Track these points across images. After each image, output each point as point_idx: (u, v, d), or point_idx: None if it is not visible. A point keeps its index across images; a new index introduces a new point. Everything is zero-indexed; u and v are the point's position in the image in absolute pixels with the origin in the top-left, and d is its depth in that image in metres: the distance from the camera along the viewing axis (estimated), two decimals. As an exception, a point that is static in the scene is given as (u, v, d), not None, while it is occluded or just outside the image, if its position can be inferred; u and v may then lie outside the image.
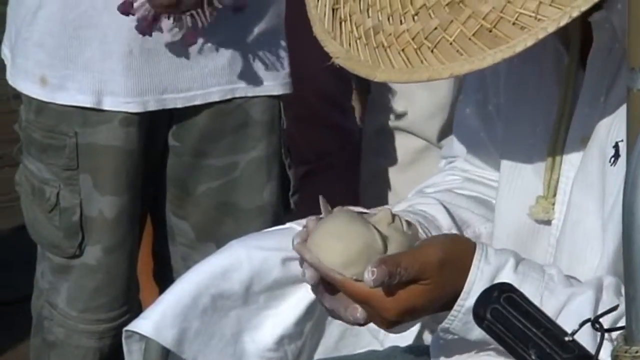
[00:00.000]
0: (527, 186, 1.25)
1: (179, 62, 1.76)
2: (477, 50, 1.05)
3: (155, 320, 1.31)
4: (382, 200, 2.23)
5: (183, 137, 1.83)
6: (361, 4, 1.12)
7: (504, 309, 0.91)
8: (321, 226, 1.13)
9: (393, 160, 2.30)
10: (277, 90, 1.83)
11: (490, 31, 1.05)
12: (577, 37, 1.21)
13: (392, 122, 2.28)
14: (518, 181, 1.27)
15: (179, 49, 1.75)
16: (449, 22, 1.06)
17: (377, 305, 1.11)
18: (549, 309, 1.04)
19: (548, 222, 1.24)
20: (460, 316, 1.13)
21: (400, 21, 1.09)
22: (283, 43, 1.84)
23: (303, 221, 1.20)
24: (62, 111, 1.75)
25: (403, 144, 2.29)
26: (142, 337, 1.31)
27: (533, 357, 0.88)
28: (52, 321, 1.81)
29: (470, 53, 1.05)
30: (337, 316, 1.17)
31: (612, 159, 1.14)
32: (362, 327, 1.26)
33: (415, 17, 1.07)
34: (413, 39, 1.07)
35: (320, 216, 1.15)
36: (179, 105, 1.79)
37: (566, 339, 0.88)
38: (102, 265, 1.78)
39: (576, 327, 0.89)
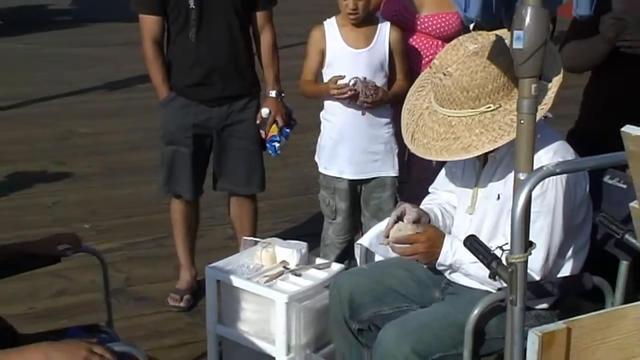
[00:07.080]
0: (465, 202, 3.11)
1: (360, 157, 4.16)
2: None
3: (365, 239, 3.33)
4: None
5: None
6: (420, 137, 2.95)
7: (474, 242, 2.74)
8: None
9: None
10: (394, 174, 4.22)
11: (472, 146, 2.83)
12: (482, 158, 3.04)
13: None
14: (462, 201, 3.13)
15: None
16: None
17: (417, 240, 2.97)
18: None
19: (471, 214, 3.08)
20: (442, 257, 3.01)
21: (437, 140, 2.88)
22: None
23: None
24: (330, 177, 4.18)
25: None
26: (359, 245, 3.34)
27: (481, 257, 2.69)
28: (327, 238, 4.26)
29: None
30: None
31: (496, 199, 2.99)
32: None
33: (442, 140, 2.87)
34: (442, 147, 2.86)
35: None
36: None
37: (491, 252, 2.68)
38: (342, 222, 4.19)
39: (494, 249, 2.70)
